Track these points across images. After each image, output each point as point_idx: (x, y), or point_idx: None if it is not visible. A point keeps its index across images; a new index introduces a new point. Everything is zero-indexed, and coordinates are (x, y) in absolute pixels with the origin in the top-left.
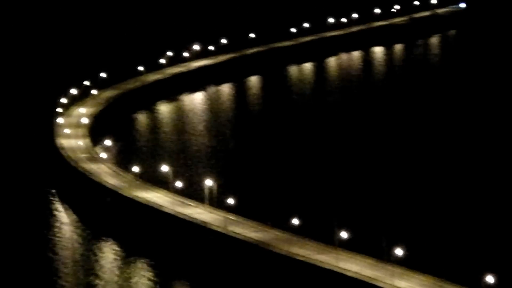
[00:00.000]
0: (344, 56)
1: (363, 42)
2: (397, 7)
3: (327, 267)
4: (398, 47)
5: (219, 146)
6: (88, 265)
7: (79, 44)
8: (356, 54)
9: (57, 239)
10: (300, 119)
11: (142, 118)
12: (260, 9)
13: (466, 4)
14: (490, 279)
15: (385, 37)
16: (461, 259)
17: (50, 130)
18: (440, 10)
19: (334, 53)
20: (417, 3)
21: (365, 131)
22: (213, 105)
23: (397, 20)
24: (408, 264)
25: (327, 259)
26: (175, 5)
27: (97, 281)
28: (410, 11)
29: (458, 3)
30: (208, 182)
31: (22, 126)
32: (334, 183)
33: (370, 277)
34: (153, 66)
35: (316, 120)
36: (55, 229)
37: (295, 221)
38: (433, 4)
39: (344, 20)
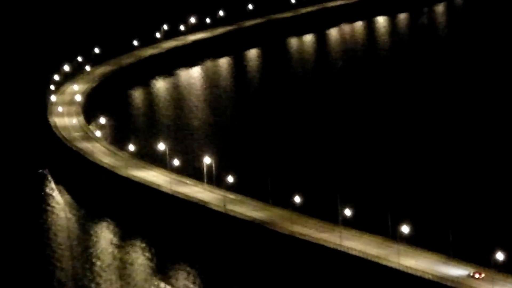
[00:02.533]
0: (346, 27)
1: (366, 12)
2: None
3: (330, 246)
4: (402, 16)
5: (218, 123)
6: (85, 248)
7: (71, 18)
8: (359, 24)
9: (52, 222)
10: (302, 94)
11: (137, 94)
12: None
13: None
14: (499, 256)
15: (389, 6)
16: (467, 236)
17: (42, 108)
18: None
19: (336, 24)
20: None
21: (368, 106)
22: (211, 80)
23: None
24: (414, 241)
25: (330, 237)
26: None
27: (94, 263)
28: None
29: None
30: (207, 160)
31: (14, 104)
32: (336, 160)
33: (375, 256)
34: (148, 40)
35: (318, 95)
36: (50, 211)
37: (297, 199)
38: None
39: None
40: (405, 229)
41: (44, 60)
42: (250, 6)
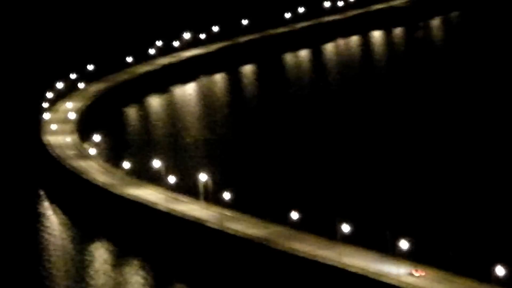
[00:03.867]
0: (341, 41)
1: (362, 26)
2: None
3: (330, 263)
4: (398, 30)
5: (213, 139)
6: (80, 268)
7: (65, 35)
8: (355, 39)
9: (46, 243)
10: (298, 109)
11: (132, 112)
12: None
13: None
14: (499, 270)
15: (385, 21)
16: (467, 251)
17: (36, 127)
18: None
19: (332, 39)
20: None
21: (365, 121)
22: (206, 96)
23: (397, 2)
24: (414, 257)
25: (330, 254)
26: None
27: (88, 282)
28: None
29: None
30: (203, 177)
31: (7, 122)
32: (333, 175)
33: (375, 273)
34: (142, 57)
35: (314, 110)
36: (44, 232)
37: (295, 216)
38: None
39: (340, 3)
40: (404, 244)
41: (37, 77)
42: (245, 22)
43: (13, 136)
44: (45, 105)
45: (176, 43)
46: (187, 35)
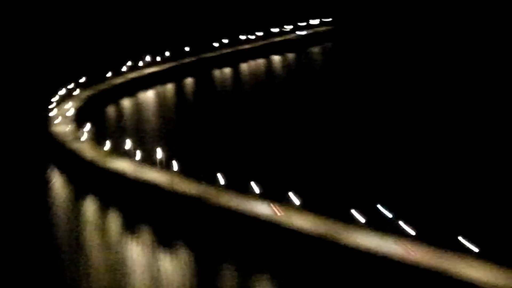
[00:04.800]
0: (252, 62)
1: (266, 52)
2: (288, 27)
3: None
4: (291, 55)
5: (165, 128)
6: (74, 212)
7: (66, 58)
8: (261, 61)
9: (53, 194)
10: (222, 107)
11: (110, 110)
12: (192, 30)
13: (333, 24)
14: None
15: (281, 49)
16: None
17: (45, 120)
18: (320, 29)
19: (246, 61)
20: (303, 24)
21: (270, 117)
22: (160, 99)
23: (290, 36)
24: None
25: (241, 204)
26: (132, 28)
27: (79, 222)
28: (297, 29)
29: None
30: (159, 152)
31: (26, 118)
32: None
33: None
34: (117, 73)
35: (233, 109)
36: (52, 188)
37: (221, 177)
38: (314, 25)
39: (252, 37)
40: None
41: (46, 87)
42: (187, 48)
43: (29, 127)
44: (52, 105)
45: (140, 63)
46: (148, 58)
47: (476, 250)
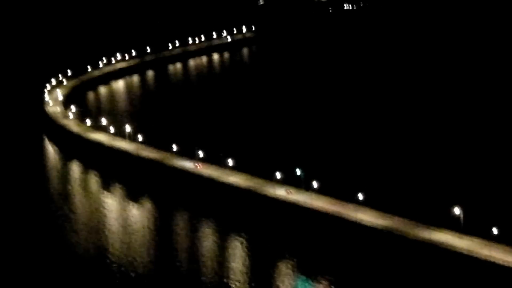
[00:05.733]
0: (199, 59)
1: (209, 52)
2: (226, 36)
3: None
4: (225, 54)
5: (132, 109)
6: (63, 174)
7: (55, 56)
8: (204, 59)
9: (46, 160)
10: (175, 93)
11: (91, 95)
12: (151, 34)
13: (257, 31)
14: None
15: (219, 49)
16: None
17: (41, 103)
18: (248, 35)
19: (194, 57)
20: (234, 30)
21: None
22: (128, 87)
23: (225, 40)
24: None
25: (187, 164)
26: (106, 32)
27: (68, 184)
28: (231, 35)
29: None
30: (128, 127)
31: (25, 101)
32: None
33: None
34: (95, 67)
35: (183, 95)
36: (45, 154)
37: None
38: (244, 32)
39: (197, 40)
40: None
41: (41, 77)
42: (148, 48)
43: (28, 108)
44: (46, 91)
45: (113, 60)
46: (118, 56)
47: (363, 199)
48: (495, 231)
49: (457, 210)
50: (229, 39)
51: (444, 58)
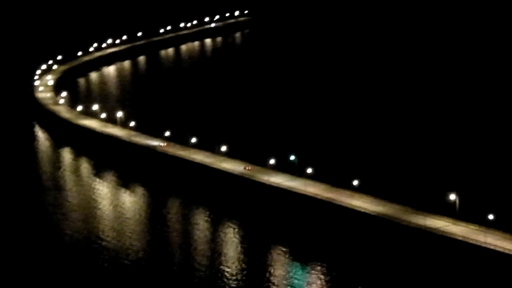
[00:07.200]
0: (190, 44)
1: (200, 37)
2: (217, 16)
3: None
4: (219, 39)
5: (124, 94)
6: (54, 160)
7: (47, 41)
8: (196, 44)
9: (36, 146)
10: (167, 79)
11: (82, 81)
12: (143, 19)
13: (250, 15)
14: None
15: (212, 34)
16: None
17: (31, 89)
18: (241, 18)
19: (185, 43)
20: (228, 14)
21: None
22: (119, 73)
23: (218, 24)
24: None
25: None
26: (97, 17)
27: (59, 169)
28: (224, 19)
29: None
30: (119, 113)
31: (16, 86)
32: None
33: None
34: (86, 52)
35: (175, 80)
36: (35, 141)
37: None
38: (237, 15)
39: (189, 25)
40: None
41: (31, 63)
42: (139, 34)
43: (19, 94)
44: (36, 77)
45: (104, 45)
46: (109, 41)
47: (358, 185)
48: (490, 217)
49: (452, 196)
50: (223, 23)
51: (439, 50)
